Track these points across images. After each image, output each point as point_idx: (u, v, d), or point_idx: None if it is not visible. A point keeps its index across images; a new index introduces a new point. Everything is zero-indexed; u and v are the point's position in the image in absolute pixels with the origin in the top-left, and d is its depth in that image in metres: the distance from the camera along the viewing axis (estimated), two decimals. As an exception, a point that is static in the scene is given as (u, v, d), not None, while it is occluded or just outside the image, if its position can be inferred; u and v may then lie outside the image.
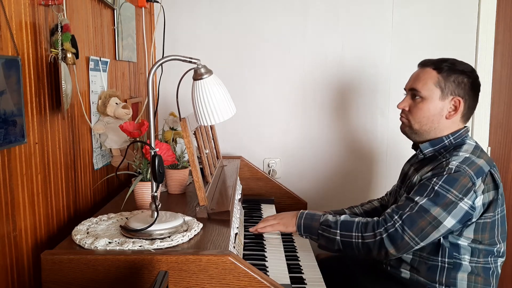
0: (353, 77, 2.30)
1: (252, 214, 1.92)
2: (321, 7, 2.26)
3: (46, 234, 1.20)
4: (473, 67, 1.53)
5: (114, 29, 1.70)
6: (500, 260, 1.45)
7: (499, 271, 1.46)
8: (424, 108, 1.49)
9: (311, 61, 2.29)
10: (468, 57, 2.28)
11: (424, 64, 1.54)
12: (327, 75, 2.30)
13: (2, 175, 0.99)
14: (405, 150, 1.77)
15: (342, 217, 1.46)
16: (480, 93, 1.52)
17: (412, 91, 1.52)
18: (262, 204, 2.08)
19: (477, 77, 1.50)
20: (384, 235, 1.36)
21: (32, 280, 1.12)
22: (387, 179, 2.34)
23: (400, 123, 1.59)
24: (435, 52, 2.24)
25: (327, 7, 2.26)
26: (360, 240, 1.40)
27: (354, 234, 1.41)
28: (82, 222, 1.24)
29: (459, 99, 1.46)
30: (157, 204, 1.15)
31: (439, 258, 1.41)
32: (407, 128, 1.56)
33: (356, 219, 1.44)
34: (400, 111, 1.58)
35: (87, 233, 1.16)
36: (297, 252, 1.62)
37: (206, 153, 1.61)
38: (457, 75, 1.46)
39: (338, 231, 1.43)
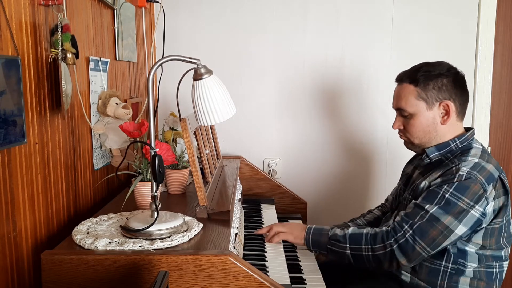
0: (353, 77, 2.30)
1: (252, 214, 1.92)
2: (321, 7, 2.26)
3: (46, 234, 1.20)
4: (451, 64, 1.49)
5: (114, 29, 1.70)
6: (505, 264, 1.44)
7: (503, 276, 1.45)
8: (416, 123, 1.48)
9: (311, 61, 2.29)
10: (468, 57, 2.29)
11: (400, 79, 1.52)
12: (327, 75, 2.30)
13: (2, 175, 0.99)
14: (406, 150, 1.76)
15: (350, 229, 1.44)
16: (467, 84, 1.49)
17: (399, 110, 1.52)
18: (262, 204, 2.08)
19: (456, 72, 1.47)
20: (394, 246, 1.35)
21: (32, 280, 1.12)
22: (387, 179, 2.34)
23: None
24: (435, 52, 2.25)
25: (327, 7, 2.26)
26: (370, 253, 1.38)
27: (363, 247, 1.39)
28: (82, 222, 1.24)
29: (447, 102, 1.44)
30: (157, 204, 1.15)
31: (443, 263, 1.40)
32: (409, 145, 1.56)
33: (365, 231, 1.42)
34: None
35: (87, 233, 1.16)
36: (297, 252, 1.62)
37: (206, 153, 1.61)
38: (435, 80, 1.44)
39: (348, 245, 1.41)
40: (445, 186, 1.35)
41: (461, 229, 1.32)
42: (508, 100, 2.36)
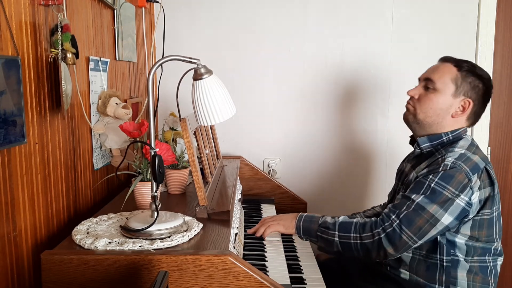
0: (353, 77, 2.30)
1: (252, 214, 1.92)
2: (321, 7, 2.26)
3: (46, 234, 1.20)
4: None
5: (114, 29, 1.70)
6: (499, 259, 1.45)
7: (498, 270, 1.46)
8: (434, 99, 1.48)
9: (311, 61, 2.29)
10: (468, 57, 2.27)
11: (445, 59, 1.54)
12: (327, 75, 2.30)
13: (2, 175, 0.99)
14: (405, 150, 1.76)
15: (341, 218, 1.46)
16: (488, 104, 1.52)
17: (426, 81, 1.51)
18: (262, 204, 2.08)
19: (491, 87, 1.50)
20: (382, 235, 1.36)
21: (32, 280, 1.12)
22: (387, 179, 2.34)
23: (405, 110, 1.58)
24: (435, 52, 2.24)
25: (327, 7, 2.26)
26: (358, 241, 1.40)
27: (352, 235, 1.41)
28: (82, 222, 1.24)
29: (470, 101, 1.46)
30: (157, 204, 1.15)
31: (438, 256, 1.41)
32: (410, 116, 1.55)
33: (354, 220, 1.44)
34: (407, 99, 1.57)
35: (87, 233, 1.16)
36: (297, 252, 1.62)
37: (206, 153, 1.61)
38: (475, 78, 1.46)
39: (337, 233, 1.43)
40: (430, 176, 1.37)
41: (447, 218, 1.34)
42: (508, 100, 2.36)
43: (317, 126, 2.33)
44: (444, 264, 1.41)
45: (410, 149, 1.67)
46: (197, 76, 1.17)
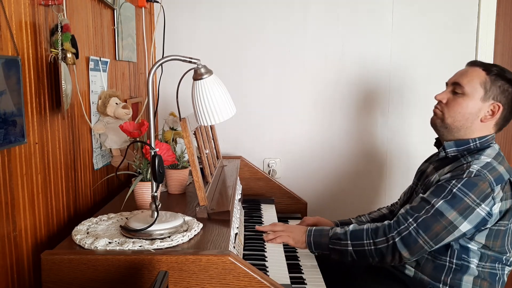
0: (353, 77, 2.30)
1: (252, 214, 1.92)
2: (321, 7, 2.26)
3: (46, 234, 1.20)
4: None
5: (114, 29, 1.70)
6: (507, 269, 1.44)
7: (505, 279, 1.45)
8: (463, 104, 1.46)
9: (311, 61, 2.29)
10: (468, 57, 2.28)
11: (473, 63, 1.52)
12: (327, 75, 2.30)
13: (2, 175, 0.99)
14: (405, 150, 1.77)
15: (351, 227, 1.45)
16: None
17: (454, 86, 1.49)
18: (262, 204, 2.08)
19: None
20: (396, 239, 1.35)
21: (32, 280, 1.12)
22: (386, 179, 2.34)
23: (432, 114, 1.55)
24: (435, 52, 2.25)
25: (327, 7, 2.26)
26: (372, 247, 1.39)
27: (365, 241, 1.40)
28: (82, 222, 1.24)
29: (499, 105, 1.44)
30: (157, 204, 1.15)
31: (447, 258, 1.40)
32: (438, 121, 1.53)
33: (365, 227, 1.43)
34: (435, 102, 1.54)
35: (87, 233, 1.16)
36: (297, 252, 1.62)
37: (206, 153, 1.61)
38: (504, 82, 1.44)
39: (349, 242, 1.42)
40: (453, 181, 1.36)
41: (465, 226, 1.33)
42: (508, 100, 2.35)
43: (317, 126, 2.33)
44: (453, 267, 1.40)
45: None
46: (197, 76, 1.17)
